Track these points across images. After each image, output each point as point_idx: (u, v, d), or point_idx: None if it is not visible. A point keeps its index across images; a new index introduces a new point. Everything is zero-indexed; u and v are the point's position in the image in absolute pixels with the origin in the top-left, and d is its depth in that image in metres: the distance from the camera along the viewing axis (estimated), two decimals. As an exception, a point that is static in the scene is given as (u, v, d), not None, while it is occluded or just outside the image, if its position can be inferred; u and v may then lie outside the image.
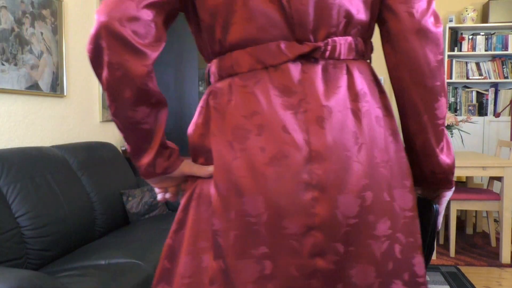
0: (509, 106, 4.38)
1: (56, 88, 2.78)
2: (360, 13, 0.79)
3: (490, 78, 4.61)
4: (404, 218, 0.78)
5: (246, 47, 0.77)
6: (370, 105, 0.78)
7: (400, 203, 0.78)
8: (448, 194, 0.89)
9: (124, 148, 3.49)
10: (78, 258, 2.00)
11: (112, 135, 3.54)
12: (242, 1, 0.75)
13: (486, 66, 4.63)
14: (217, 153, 0.76)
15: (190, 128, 0.84)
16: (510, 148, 3.30)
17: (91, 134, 3.23)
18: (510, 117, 4.42)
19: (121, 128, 0.77)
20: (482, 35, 4.57)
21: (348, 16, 0.77)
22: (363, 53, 0.82)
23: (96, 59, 0.72)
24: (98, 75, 0.74)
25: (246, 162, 0.73)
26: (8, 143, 2.40)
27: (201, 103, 0.84)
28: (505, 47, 4.52)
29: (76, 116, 3.03)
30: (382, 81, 5.07)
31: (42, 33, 2.64)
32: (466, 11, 4.58)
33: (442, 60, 0.79)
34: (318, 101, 0.74)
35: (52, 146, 2.53)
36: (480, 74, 4.63)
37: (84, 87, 3.14)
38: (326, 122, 0.73)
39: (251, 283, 0.73)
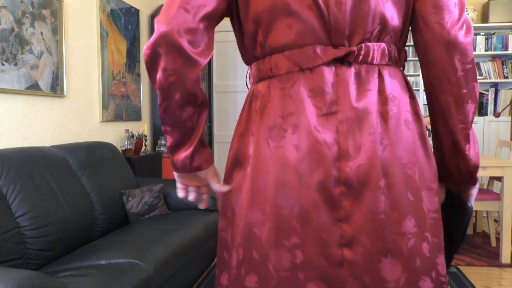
0: (509, 106, 4.37)
1: (56, 88, 2.78)
2: (394, 20, 0.83)
3: (490, 78, 4.60)
4: (430, 219, 0.83)
5: (284, 51, 0.83)
6: (399, 109, 0.82)
7: (427, 205, 0.83)
8: (474, 191, 0.94)
9: (124, 148, 3.49)
10: (78, 258, 2.00)
11: (112, 135, 3.54)
12: (283, 9, 0.80)
13: (486, 66, 4.63)
14: (254, 150, 0.83)
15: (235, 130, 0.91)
16: (510, 148, 3.30)
17: (91, 134, 3.23)
18: (510, 117, 4.42)
19: (168, 124, 0.85)
20: (482, 35, 4.56)
21: (383, 22, 0.82)
22: (396, 60, 0.87)
23: (152, 63, 0.80)
24: (152, 76, 0.82)
25: (281, 159, 0.79)
26: (8, 143, 2.40)
27: (244, 104, 0.91)
28: (505, 47, 4.52)
29: (76, 116, 3.03)
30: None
31: (42, 33, 2.64)
32: (466, 11, 4.57)
33: (471, 69, 0.82)
34: (349, 103, 0.79)
35: (52, 146, 2.53)
36: (480, 74, 4.63)
37: (84, 87, 3.14)
38: (354, 123, 0.79)
39: (284, 271, 0.79)
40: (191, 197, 0.94)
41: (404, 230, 0.79)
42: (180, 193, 0.94)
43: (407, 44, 4.71)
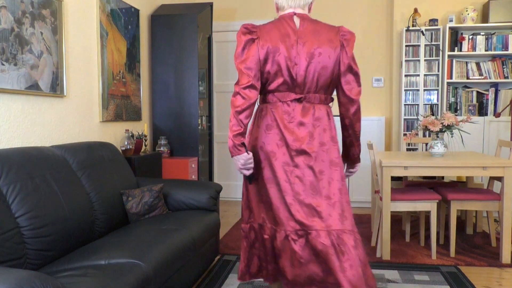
0: (509, 106, 4.37)
1: (56, 88, 2.78)
2: (325, 84, 1.88)
3: (490, 78, 4.60)
4: (331, 169, 1.87)
5: (274, 93, 1.89)
6: (321, 124, 1.88)
7: (329, 163, 1.87)
8: (356, 167, 2.12)
9: (124, 148, 3.49)
10: (78, 258, 2.00)
11: (112, 135, 3.54)
12: (276, 74, 1.84)
13: (486, 66, 4.63)
14: (259, 136, 1.90)
15: (250, 125, 1.99)
16: (510, 148, 3.30)
17: (91, 134, 3.23)
18: (510, 117, 4.42)
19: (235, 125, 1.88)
20: (482, 35, 4.56)
21: (317, 85, 1.87)
22: (324, 101, 1.92)
23: (234, 101, 1.84)
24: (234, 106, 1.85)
25: (270, 139, 1.86)
26: (8, 143, 2.40)
27: (255, 113, 1.96)
28: (505, 47, 4.52)
29: (76, 116, 3.03)
30: (382, 80, 5.04)
31: (42, 33, 2.64)
32: (466, 11, 4.57)
33: (358, 108, 1.94)
34: (299, 119, 1.86)
35: (52, 146, 2.53)
36: (480, 74, 4.63)
37: (84, 87, 3.14)
38: (301, 127, 1.86)
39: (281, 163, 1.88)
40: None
41: (318, 169, 1.85)
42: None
43: (407, 44, 4.67)
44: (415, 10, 4.71)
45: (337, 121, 3.93)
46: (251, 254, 1.98)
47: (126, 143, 3.49)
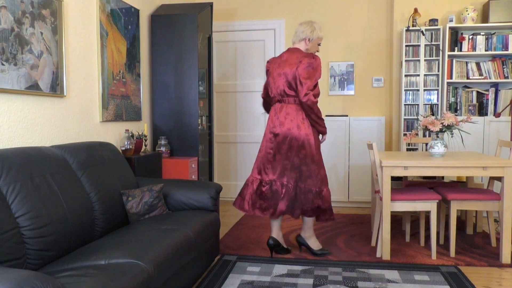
0: (509, 106, 4.37)
1: (56, 88, 2.78)
2: (291, 92, 3.12)
3: (490, 78, 4.60)
4: (296, 150, 3.15)
5: (272, 98, 3.27)
6: (290, 116, 3.14)
7: (297, 145, 3.15)
8: (324, 137, 3.34)
9: (124, 148, 3.49)
10: (78, 258, 2.00)
11: (112, 135, 3.54)
12: (270, 87, 3.25)
13: (486, 66, 4.63)
14: (269, 122, 3.27)
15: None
16: (510, 148, 3.30)
17: (91, 134, 3.23)
18: (510, 117, 4.42)
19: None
20: (482, 35, 4.56)
21: (285, 93, 3.15)
22: (294, 102, 3.14)
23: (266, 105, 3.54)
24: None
25: (267, 126, 3.26)
26: (8, 143, 2.40)
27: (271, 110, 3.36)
28: (505, 47, 4.52)
29: (76, 116, 3.03)
30: (382, 80, 5.03)
31: (42, 33, 2.64)
32: (466, 11, 4.57)
33: (308, 105, 3.09)
34: (278, 114, 3.19)
35: (52, 146, 2.53)
36: (480, 74, 4.63)
37: (84, 87, 3.14)
38: (278, 119, 3.18)
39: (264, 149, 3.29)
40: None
41: (286, 145, 3.15)
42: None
43: (407, 44, 4.65)
44: (415, 10, 4.71)
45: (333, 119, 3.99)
46: (245, 194, 3.31)
47: (126, 143, 3.49)
